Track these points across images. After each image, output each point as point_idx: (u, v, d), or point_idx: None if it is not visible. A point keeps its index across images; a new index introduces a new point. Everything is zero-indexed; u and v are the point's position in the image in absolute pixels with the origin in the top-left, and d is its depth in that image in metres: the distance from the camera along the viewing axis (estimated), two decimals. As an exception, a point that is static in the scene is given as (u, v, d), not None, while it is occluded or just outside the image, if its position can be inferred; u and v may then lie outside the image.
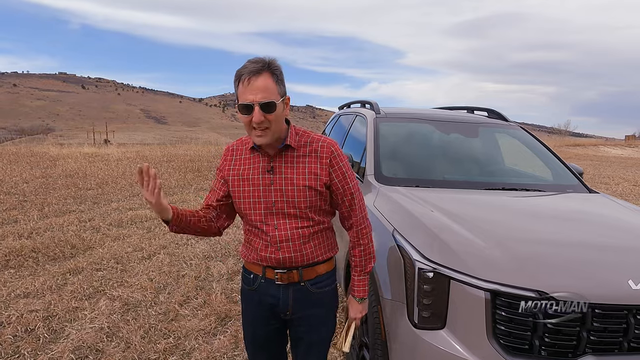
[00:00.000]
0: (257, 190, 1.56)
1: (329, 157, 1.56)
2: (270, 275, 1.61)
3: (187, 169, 10.82)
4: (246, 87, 1.42)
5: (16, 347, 2.76)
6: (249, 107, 1.43)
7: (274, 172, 1.55)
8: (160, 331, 3.02)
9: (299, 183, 1.54)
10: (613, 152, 27.69)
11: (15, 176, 8.70)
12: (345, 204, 1.62)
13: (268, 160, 1.56)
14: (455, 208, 2.26)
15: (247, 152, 1.60)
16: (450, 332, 1.75)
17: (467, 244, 1.88)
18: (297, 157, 1.56)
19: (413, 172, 2.95)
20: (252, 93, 1.42)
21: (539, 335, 1.66)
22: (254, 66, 1.42)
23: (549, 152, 3.34)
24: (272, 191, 1.55)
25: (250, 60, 1.46)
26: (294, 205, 1.54)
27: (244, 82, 1.42)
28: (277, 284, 1.60)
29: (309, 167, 1.55)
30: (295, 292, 1.61)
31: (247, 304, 1.72)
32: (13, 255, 4.32)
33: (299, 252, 1.57)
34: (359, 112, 3.82)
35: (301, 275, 1.60)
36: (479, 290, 1.69)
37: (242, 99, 1.44)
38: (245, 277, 1.71)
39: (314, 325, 1.68)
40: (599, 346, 1.66)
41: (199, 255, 4.58)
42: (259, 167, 1.56)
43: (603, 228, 2.24)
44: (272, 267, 1.60)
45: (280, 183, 1.54)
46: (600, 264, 1.81)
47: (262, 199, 1.56)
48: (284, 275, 1.59)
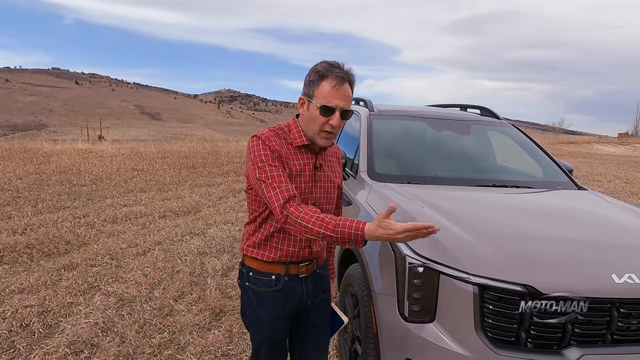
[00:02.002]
0: (307, 186, 1.58)
1: (340, 156, 1.78)
2: (294, 270, 1.62)
3: (182, 165, 10.81)
4: (335, 90, 1.47)
5: (11, 342, 2.77)
6: (330, 110, 1.47)
7: (321, 170, 1.62)
8: (155, 326, 3.04)
9: (335, 180, 1.68)
10: (606, 149, 27.92)
11: (9, 172, 8.66)
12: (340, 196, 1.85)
13: (315, 157, 1.61)
14: (445, 204, 2.30)
15: (291, 148, 1.57)
16: (439, 325, 1.80)
17: (457, 240, 1.92)
18: (328, 157, 1.68)
19: (405, 169, 2.99)
20: (338, 98, 1.47)
21: (525, 328, 1.70)
22: (342, 72, 1.48)
23: (539, 149, 3.39)
24: (317, 187, 1.61)
25: (330, 62, 1.50)
26: (329, 201, 1.67)
27: (333, 85, 1.47)
28: (300, 277, 1.64)
29: (335, 167, 1.71)
30: (313, 280, 1.69)
31: (267, 307, 1.63)
32: (7, 251, 4.32)
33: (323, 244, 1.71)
34: (353, 109, 3.85)
35: (317, 262, 1.70)
36: (467, 284, 1.73)
37: (327, 101, 1.47)
38: (262, 280, 1.62)
39: (323, 309, 1.78)
40: (584, 338, 1.71)
41: (194, 251, 4.60)
42: (309, 164, 1.59)
43: (590, 224, 2.30)
44: (297, 262, 1.62)
45: (324, 180, 1.63)
46: (585, 259, 1.86)
47: (310, 195, 1.59)
48: (309, 266, 1.65)
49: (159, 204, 6.70)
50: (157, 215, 6.05)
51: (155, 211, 6.23)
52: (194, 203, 6.81)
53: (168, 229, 5.43)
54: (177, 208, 6.47)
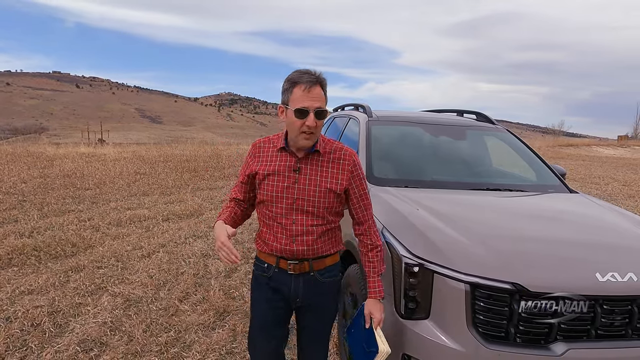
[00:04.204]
0: (282, 185, 1.72)
1: (350, 164, 1.77)
2: (284, 265, 1.76)
3: (184, 169, 10.92)
4: (306, 94, 1.61)
5: (24, 341, 2.88)
6: (304, 112, 1.62)
7: (300, 172, 1.73)
8: (162, 325, 3.15)
9: (322, 185, 1.72)
10: (605, 152, 28.02)
11: (14, 176, 8.78)
12: (361, 208, 1.82)
13: (295, 160, 1.74)
14: (441, 207, 2.41)
15: (275, 151, 1.76)
16: (433, 322, 1.91)
17: (451, 241, 2.03)
18: (323, 162, 1.75)
19: (403, 173, 3.10)
20: (310, 100, 1.61)
21: (514, 324, 1.81)
22: (311, 77, 1.62)
23: (533, 154, 3.50)
24: (295, 189, 1.72)
25: (300, 70, 1.66)
26: (313, 204, 1.72)
27: (303, 89, 1.61)
28: (289, 273, 1.76)
29: (332, 172, 1.75)
30: (305, 281, 1.78)
31: (261, 288, 1.83)
32: (15, 254, 4.43)
33: (311, 247, 1.74)
34: (352, 115, 3.97)
35: (311, 266, 1.77)
36: (459, 282, 1.84)
37: (299, 104, 1.62)
38: (259, 266, 1.85)
39: (319, 313, 1.86)
40: (569, 334, 1.82)
41: (197, 253, 4.70)
42: (287, 165, 1.73)
43: (577, 226, 2.41)
44: (285, 258, 1.76)
45: (303, 182, 1.72)
46: (572, 259, 1.98)
47: (285, 194, 1.72)
48: (297, 265, 1.76)
49: (162, 207, 6.81)
50: (161, 218, 6.16)
51: (159, 214, 6.34)
52: (196, 206, 6.92)
53: (171, 231, 5.54)
54: (180, 211, 6.58)
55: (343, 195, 1.77)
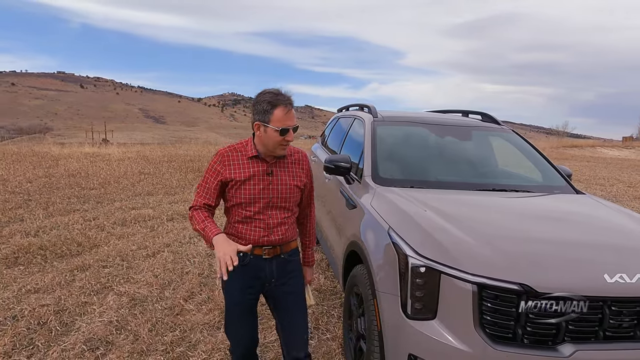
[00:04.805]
0: (259, 188, 1.97)
1: (306, 164, 2.14)
2: (259, 252, 2.01)
3: (188, 169, 10.95)
4: (287, 115, 1.89)
5: (30, 339, 2.90)
6: (286, 131, 1.90)
7: (272, 175, 2.00)
8: (167, 324, 3.16)
9: (291, 184, 2.03)
10: (610, 153, 27.89)
11: (19, 176, 8.83)
12: (308, 196, 2.21)
13: (266, 166, 1.99)
14: (447, 208, 2.40)
15: (245, 159, 1.98)
16: (440, 322, 1.90)
17: (458, 241, 2.03)
18: (288, 164, 2.06)
19: (408, 174, 3.10)
20: (290, 120, 1.90)
21: (521, 325, 1.80)
22: (286, 99, 1.90)
23: (539, 154, 3.49)
24: (270, 189, 1.99)
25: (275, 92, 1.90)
26: (286, 200, 2.03)
27: (285, 112, 1.88)
28: (264, 258, 2.02)
29: (296, 172, 2.07)
30: (278, 263, 2.06)
31: (238, 276, 1.98)
32: (22, 253, 4.46)
33: (284, 234, 2.04)
34: (358, 115, 3.97)
35: (282, 249, 2.06)
36: (467, 283, 1.83)
37: (282, 124, 1.88)
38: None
39: (292, 284, 2.12)
40: (577, 335, 1.81)
41: (202, 253, 4.72)
42: (260, 171, 1.98)
43: (584, 227, 2.39)
44: (260, 246, 2.00)
45: (276, 183, 2.00)
46: (579, 260, 1.97)
47: (262, 195, 1.98)
48: (271, 250, 2.03)
49: (167, 207, 6.84)
50: (165, 218, 6.18)
51: (163, 214, 6.36)
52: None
53: (176, 231, 5.55)
54: (184, 211, 6.59)
55: (303, 188, 2.12)
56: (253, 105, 1.95)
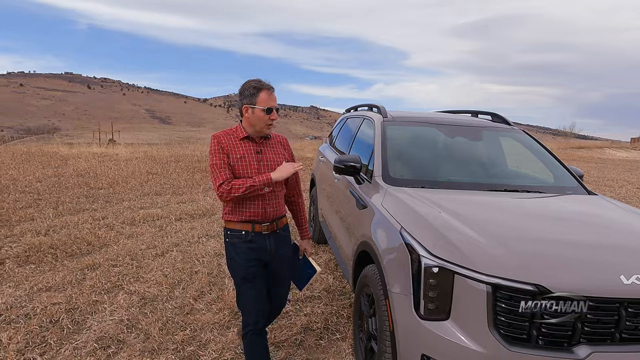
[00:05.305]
0: (252, 165, 2.27)
1: (287, 145, 2.49)
2: (259, 229, 2.31)
3: (195, 169, 10.99)
4: (270, 97, 2.26)
5: (43, 337, 2.92)
6: (270, 110, 2.24)
7: (261, 154, 2.32)
8: (177, 324, 3.17)
9: (278, 161, 2.35)
10: (618, 154, 27.65)
11: (29, 175, 8.91)
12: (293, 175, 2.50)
13: (255, 145, 2.32)
14: (459, 208, 2.39)
15: (237, 140, 2.29)
16: (454, 323, 1.89)
17: (471, 242, 2.02)
18: (272, 145, 2.39)
19: (419, 174, 3.09)
20: (273, 101, 2.27)
21: (536, 326, 1.79)
22: (268, 85, 2.26)
23: (550, 155, 3.47)
24: (261, 166, 2.29)
25: (258, 80, 2.26)
26: None
27: (269, 95, 2.25)
28: (264, 234, 2.32)
29: (280, 151, 2.40)
30: (275, 238, 2.38)
31: (242, 251, 2.29)
32: (33, 251, 4.50)
33: (277, 207, 2.36)
34: (367, 116, 3.96)
35: (277, 225, 2.38)
36: (481, 284, 1.82)
37: (266, 104, 2.24)
38: (237, 235, 2.31)
39: (284, 260, 2.48)
40: (593, 337, 1.79)
41: (211, 252, 4.73)
42: (251, 150, 2.29)
43: (599, 228, 2.37)
44: (259, 222, 2.30)
45: (266, 160, 2.32)
46: (595, 261, 1.95)
47: (256, 172, 2.27)
48: (268, 226, 2.33)
49: (175, 207, 6.87)
50: (174, 217, 6.21)
51: (172, 214, 6.39)
52: (208, 206, 6.96)
53: (185, 231, 5.58)
54: (193, 211, 6.62)
55: None
56: (240, 93, 2.27)
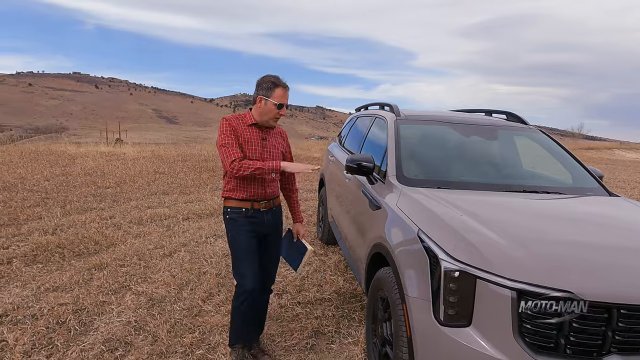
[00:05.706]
0: (257, 150, 2.53)
1: (285, 136, 2.77)
2: (257, 206, 2.58)
3: (202, 169, 10.96)
4: (284, 94, 2.53)
5: (49, 339, 2.87)
6: (282, 105, 2.51)
7: (265, 140, 2.58)
8: (186, 326, 3.11)
9: (279, 149, 2.65)
10: (628, 155, 27.29)
11: (37, 174, 8.91)
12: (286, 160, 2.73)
13: (261, 132, 2.57)
14: (479, 210, 2.30)
15: (245, 126, 2.53)
16: (476, 330, 1.80)
17: (493, 245, 1.93)
18: (275, 134, 2.66)
19: (434, 174, 3.00)
20: (286, 99, 2.55)
21: (564, 334, 1.70)
22: (284, 83, 2.52)
23: (568, 155, 3.37)
24: (265, 151, 2.56)
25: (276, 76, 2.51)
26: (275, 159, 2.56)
27: (283, 92, 2.52)
28: (262, 210, 2.59)
29: (280, 141, 2.69)
30: (271, 214, 2.65)
31: (243, 225, 2.54)
32: (40, 251, 4.46)
33: (274, 189, 2.66)
34: (378, 115, 3.88)
35: (273, 203, 2.67)
36: (505, 289, 1.73)
37: (280, 100, 2.51)
38: (237, 211, 2.55)
39: (276, 236, 2.75)
40: (624, 346, 1.70)
41: (218, 253, 4.67)
42: (257, 136, 2.55)
43: (624, 231, 2.27)
44: (258, 201, 2.56)
45: (269, 146, 2.59)
46: (622, 266, 1.85)
47: (261, 156, 2.53)
48: (266, 204, 2.61)
49: (182, 207, 6.82)
50: (181, 217, 6.16)
51: (179, 213, 6.34)
52: (215, 206, 6.90)
53: (192, 230, 5.52)
54: (200, 210, 6.57)
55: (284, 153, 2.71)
56: (258, 85, 2.50)
